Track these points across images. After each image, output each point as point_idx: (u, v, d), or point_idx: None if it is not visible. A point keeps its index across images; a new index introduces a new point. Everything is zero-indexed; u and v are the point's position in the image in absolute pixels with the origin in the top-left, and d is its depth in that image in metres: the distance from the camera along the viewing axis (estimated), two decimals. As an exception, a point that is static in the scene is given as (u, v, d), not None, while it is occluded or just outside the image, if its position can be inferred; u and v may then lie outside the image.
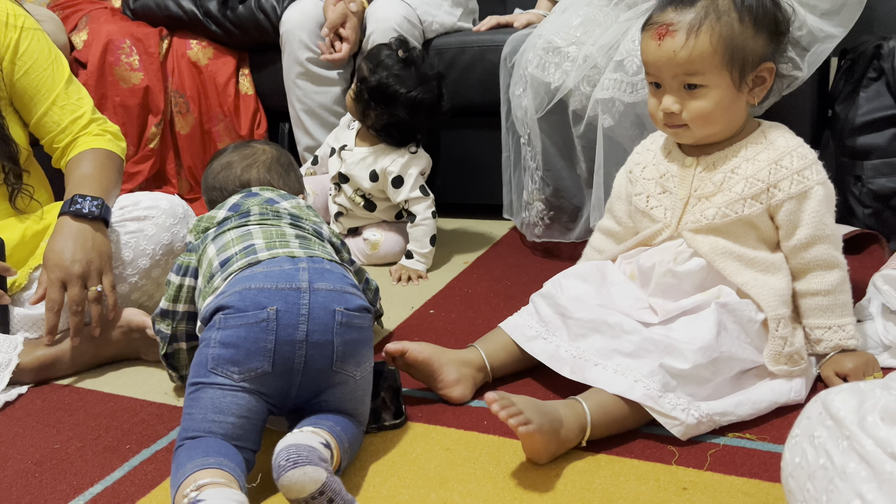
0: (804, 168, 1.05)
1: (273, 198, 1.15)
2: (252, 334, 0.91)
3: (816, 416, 0.59)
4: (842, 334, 1.06)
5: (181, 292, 1.10)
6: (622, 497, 0.88)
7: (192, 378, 0.93)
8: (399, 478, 0.95)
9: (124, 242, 1.34)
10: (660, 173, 1.15)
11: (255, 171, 1.21)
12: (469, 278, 1.63)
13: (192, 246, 1.11)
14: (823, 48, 1.39)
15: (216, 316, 0.94)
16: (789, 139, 1.08)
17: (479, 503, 0.89)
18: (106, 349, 1.30)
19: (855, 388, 0.58)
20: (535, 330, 1.14)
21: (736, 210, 1.07)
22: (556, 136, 1.58)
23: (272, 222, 1.09)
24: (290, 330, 0.92)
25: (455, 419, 1.07)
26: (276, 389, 0.94)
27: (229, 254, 1.03)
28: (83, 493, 0.96)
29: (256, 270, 0.97)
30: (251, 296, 0.93)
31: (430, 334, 1.37)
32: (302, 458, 0.82)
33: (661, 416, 0.96)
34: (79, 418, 1.16)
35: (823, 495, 0.54)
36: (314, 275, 0.97)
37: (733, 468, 0.92)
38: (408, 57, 1.61)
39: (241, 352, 0.91)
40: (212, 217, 1.12)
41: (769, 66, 1.07)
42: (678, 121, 1.07)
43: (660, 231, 1.14)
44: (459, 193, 2.04)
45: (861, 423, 0.54)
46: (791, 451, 0.60)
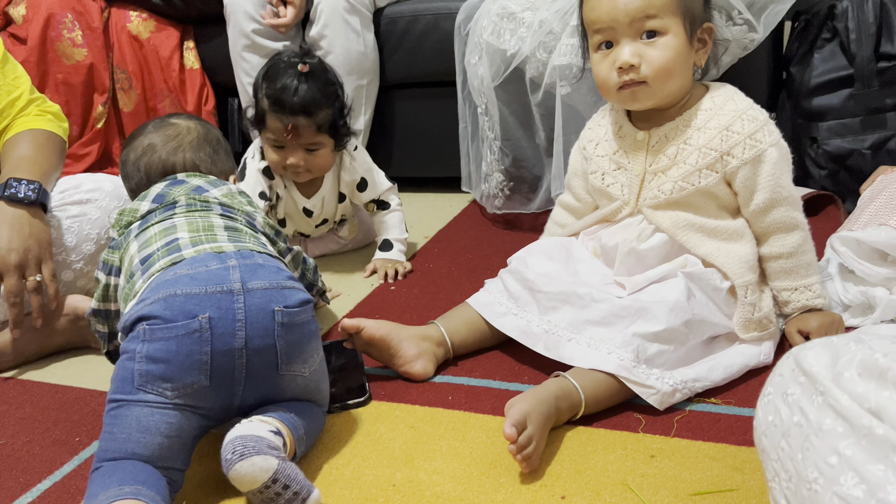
0: (755, 131, 1.03)
1: (202, 185, 1.06)
2: (184, 347, 0.83)
3: (789, 373, 0.57)
4: (808, 294, 1.06)
5: (108, 291, 1.01)
6: (590, 467, 0.87)
7: (113, 394, 0.84)
8: (363, 458, 0.93)
9: (66, 227, 1.27)
10: (613, 149, 1.13)
11: (181, 155, 1.10)
12: (430, 253, 1.60)
13: (114, 243, 1.02)
14: (779, 8, 1.39)
15: (138, 326, 0.84)
16: (738, 101, 1.06)
17: (446, 480, 0.87)
18: (52, 339, 1.25)
19: (828, 343, 0.56)
20: (505, 306, 1.12)
21: (692, 182, 1.05)
22: (514, 104, 1.55)
23: (200, 213, 1.00)
24: (227, 338, 0.84)
25: (420, 396, 1.05)
26: (215, 402, 0.86)
27: (150, 250, 0.94)
28: (31, 490, 0.92)
29: (181, 272, 0.87)
30: (178, 303, 0.84)
31: (392, 311, 1.34)
32: (248, 448, 0.78)
33: (637, 385, 0.95)
34: (25, 412, 1.11)
35: (799, 453, 0.53)
36: (246, 273, 0.88)
37: (700, 433, 0.92)
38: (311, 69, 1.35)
39: (173, 367, 0.83)
40: (134, 210, 1.03)
41: (710, 26, 1.06)
42: (637, 76, 1.02)
43: (619, 208, 1.12)
44: (416, 167, 2.00)
45: (836, 379, 0.52)
46: (764, 409, 0.59)
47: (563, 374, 0.96)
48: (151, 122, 1.16)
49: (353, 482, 0.88)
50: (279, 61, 1.36)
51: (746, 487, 0.82)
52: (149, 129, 1.13)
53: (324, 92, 1.34)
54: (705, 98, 1.07)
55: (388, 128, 1.97)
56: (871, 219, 1.14)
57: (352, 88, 1.78)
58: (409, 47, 1.85)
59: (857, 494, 0.48)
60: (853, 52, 1.50)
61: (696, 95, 1.08)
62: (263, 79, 1.35)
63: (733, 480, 0.83)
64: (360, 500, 0.85)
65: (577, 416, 0.95)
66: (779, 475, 0.56)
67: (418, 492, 0.86)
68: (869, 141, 1.51)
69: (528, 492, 0.84)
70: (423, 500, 0.84)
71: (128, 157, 1.12)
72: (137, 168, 1.10)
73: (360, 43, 1.77)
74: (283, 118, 1.32)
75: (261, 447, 0.79)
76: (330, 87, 1.36)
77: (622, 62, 1.02)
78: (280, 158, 1.37)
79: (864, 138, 1.52)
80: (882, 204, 1.17)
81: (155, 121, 1.16)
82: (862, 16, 1.49)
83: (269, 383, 0.88)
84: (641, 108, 1.08)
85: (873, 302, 1.07)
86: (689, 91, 1.08)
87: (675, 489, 0.82)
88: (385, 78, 1.88)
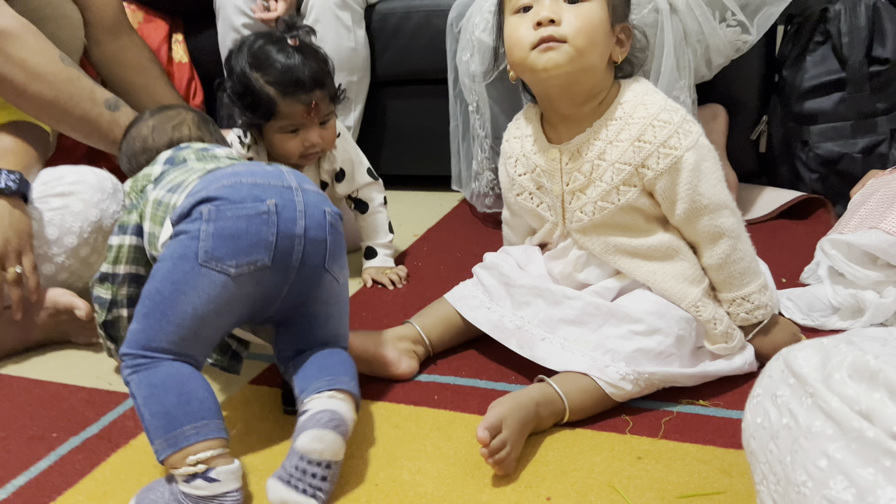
0: (669, 137, 0.96)
1: (207, 146, 1.08)
2: (253, 226, 0.86)
3: (778, 375, 0.56)
4: (747, 306, 0.99)
5: (122, 251, 1.00)
6: (577, 468, 0.86)
7: (172, 272, 0.85)
8: (346, 457, 0.91)
9: (48, 220, 1.25)
10: (531, 167, 1.07)
11: (185, 129, 1.12)
12: (419, 251, 1.59)
13: (131, 205, 1.02)
14: (772, 11, 1.39)
15: (201, 207, 0.86)
16: (649, 105, 0.98)
17: (430, 481, 0.86)
18: (32, 333, 1.23)
19: (818, 345, 0.56)
20: (479, 300, 1.11)
21: (611, 200, 0.99)
22: (506, 102, 1.54)
23: (211, 160, 1.02)
24: (290, 224, 0.88)
25: (405, 395, 1.04)
26: (269, 287, 0.88)
27: (177, 181, 0.96)
28: (5, 486, 0.90)
29: (238, 168, 0.92)
30: (245, 188, 0.88)
31: (379, 309, 1.33)
32: (340, 428, 0.84)
33: (609, 385, 0.94)
34: (1, 408, 1.08)
35: (788, 455, 0.52)
36: (297, 176, 0.93)
37: (687, 435, 0.91)
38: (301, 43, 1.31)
39: (242, 243, 0.85)
40: (148, 175, 1.03)
41: (628, 26, 1.01)
42: (557, 34, 0.94)
43: (552, 229, 1.08)
44: (406, 165, 1.99)
45: (826, 381, 0.51)
46: (752, 411, 0.58)
47: (547, 380, 0.95)
48: (148, 110, 1.15)
49: (335, 481, 0.87)
50: (261, 45, 1.27)
51: (734, 490, 0.81)
52: (146, 116, 1.14)
53: (321, 58, 1.30)
54: (617, 105, 1.00)
55: (378, 125, 1.95)
56: (861, 222, 1.14)
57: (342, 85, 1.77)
58: (400, 44, 1.83)
59: (846, 498, 0.47)
60: (845, 56, 1.49)
61: (609, 99, 1.01)
62: (253, 68, 1.26)
63: (721, 483, 0.82)
64: (341, 500, 0.84)
65: (561, 422, 0.94)
66: (767, 478, 0.55)
67: (401, 492, 0.84)
68: (860, 145, 1.51)
69: (513, 493, 0.83)
70: (406, 500, 0.83)
71: (133, 139, 1.11)
72: (146, 146, 1.10)
73: (351, 39, 1.76)
74: (302, 97, 1.25)
75: (346, 432, 0.85)
76: (320, 51, 1.33)
77: (541, 17, 0.94)
78: (298, 143, 1.30)
79: (854, 142, 1.51)
80: (872, 207, 1.16)
81: (151, 109, 1.16)
82: (854, 19, 1.49)
83: (314, 278, 0.91)
84: (554, 74, 0.96)
85: (863, 305, 1.07)
86: (605, 88, 1.01)
87: (661, 491, 0.81)
88: (375, 75, 1.87)
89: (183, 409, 0.81)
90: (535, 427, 0.91)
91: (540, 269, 1.10)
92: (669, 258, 1.01)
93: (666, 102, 0.99)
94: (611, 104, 1.01)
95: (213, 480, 0.79)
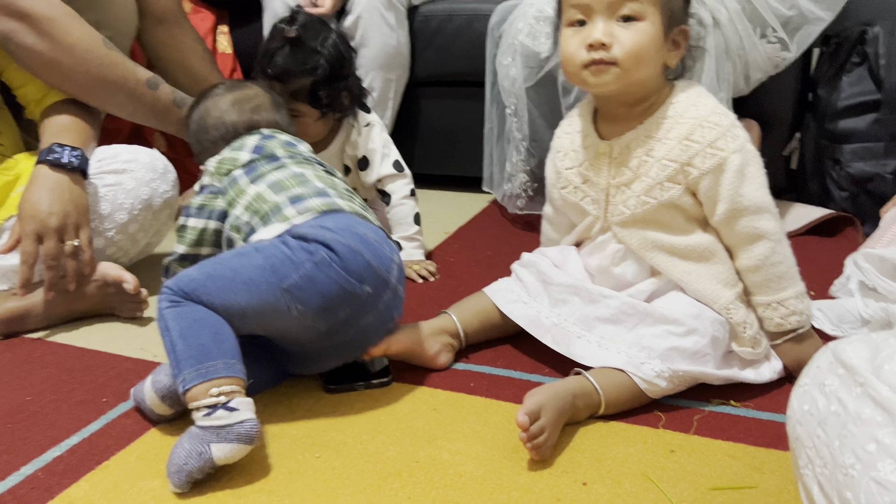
0: (717, 139, 0.98)
1: (290, 140, 1.12)
2: (341, 299, 0.93)
3: (826, 365, 0.58)
4: (782, 311, 1.00)
5: (205, 235, 1.06)
6: (611, 458, 0.89)
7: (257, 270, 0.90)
8: (387, 435, 0.94)
9: (101, 196, 1.29)
10: (579, 161, 1.10)
11: (265, 114, 1.16)
12: (450, 247, 1.62)
13: (216, 189, 1.06)
14: (812, 30, 1.42)
15: (321, 249, 0.92)
16: (700, 107, 1.01)
17: (468, 461, 0.89)
18: (80, 304, 1.26)
19: (866, 339, 0.58)
20: (517, 294, 1.13)
21: (655, 196, 1.02)
22: (544, 106, 1.57)
23: (310, 167, 1.07)
24: (361, 315, 0.96)
25: (442, 381, 1.07)
26: (311, 335, 0.96)
27: (293, 192, 1.01)
28: (60, 444, 0.93)
29: (360, 230, 0.97)
30: (360, 263, 0.94)
31: (412, 300, 1.35)
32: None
33: (644, 381, 0.96)
34: (51, 372, 1.12)
35: (836, 440, 0.54)
36: (400, 274, 1.00)
37: (719, 433, 0.93)
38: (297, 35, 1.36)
39: (323, 303, 0.92)
40: (234, 159, 1.07)
41: (685, 29, 1.03)
42: (607, 56, 0.97)
43: (592, 223, 1.10)
44: (438, 164, 2.02)
45: (877, 371, 0.53)
46: (799, 399, 0.60)
47: (584, 374, 0.98)
48: (222, 85, 1.20)
49: (376, 457, 0.90)
50: (275, 26, 1.40)
51: (765, 486, 0.83)
52: (221, 90, 1.18)
53: (301, 60, 1.34)
54: (669, 105, 1.02)
55: (412, 124, 1.99)
56: (894, 238, 1.16)
57: (380, 82, 1.81)
58: (440, 45, 1.87)
59: (893, 480, 0.50)
60: (882, 78, 1.52)
61: (661, 99, 1.04)
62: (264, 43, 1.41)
63: (752, 479, 0.84)
64: (383, 475, 0.87)
65: (596, 415, 0.97)
66: (812, 462, 0.57)
67: (441, 470, 0.87)
68: (892, 166, 1.53)
69: (550, 476, 0.86)
70: (446, 477, 0.86)
71: (207, 113, 1.15)
72: (222, 122, 1.14)
73: (394, 38, 1.80)
74: (260, 79, 1.37)
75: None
76: (312, 55, 1.35)
77: (593, 39, 0.97)
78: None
79: (886, 163, 1.54)
80: (905, 225, 1.19)
81: (225, 84, 1.21)
82: (892, 42, 1.51)
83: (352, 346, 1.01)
84: (603, 91, 1.01)
85: (893, 318, 1.09)
86: (657, 91, 1.03)
87: (694, 483, 0.84)
88: (414, 74, 1.91)
89: (218, 346, 0.87)
90: (571, 418, 0.94)
91: (577, 268, 1.13)
92: (705, 259, 1.03)
93: (717, 106, 1.02)
94: (663, 104, 1.03)
95: (234, 410, 0.84)
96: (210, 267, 0.91)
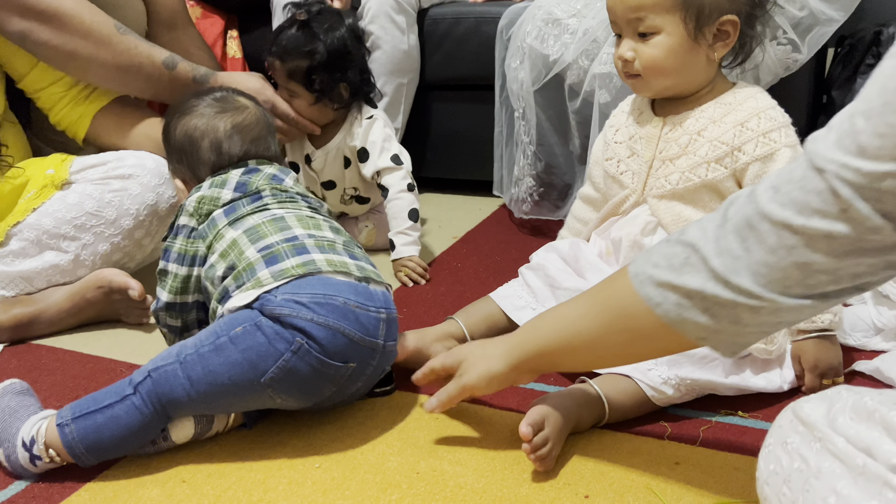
0: (771, 130, 1.02)
1: (276, 174, 1.07)
2: (322, 379, 0.90)
3: (788, 424, 0.60)
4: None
5: (189, 283, 1.02)
6: (615, 470, 0.87)
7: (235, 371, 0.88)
8: (387, 445, 0.93)
9: (108, 201, 1.29)
10: (629, 135, 1.13)
11: (262, 143, 1.10)
12: (458, 252, 1.61)
13: (196, 233, 1.01)
14: (824, 31, 1.39)
15: (296, 334, 0.87)
16: (760, 101, 1.05)
17: (469, 472, 0.88)
18: (86, 310, 1.27)
19: (822, 396, 0.61)
20: (524, 300, 1.13)
21: (699, 174, 1.04)
22: (551, 110, 1.56)
23: (291, 204, 1.03)
24: (349, 385, 0.94)
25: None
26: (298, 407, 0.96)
27: (269, 242, 0.95)
28: (61, 453, 0.94)
29: (339, 301, 0.90)
30: (340, 343, 0.89)
31: (420, 306, 1.35)
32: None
33: (650, 388, 0.95)
34: (56, 378, 1.13)
35: (800, 496, 0.55)
36: (389, 329, 0.94)
37: (725, 444, 0.91)
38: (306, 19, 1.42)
39: (305, 388, 0.91)
40: (215, 199, 1.02)
41: (732, 19, 1.02)
42: (632, 70, 1.06)
43: (627, 197, 1.12)
44: (448, 168, 2.01)
45: (832, 424, 0.55)
46: (765, 459, 0.62)
47: (589, 382, 0.96)
48: (214, 96, 1.10)
49: (376, 468, 0.89)
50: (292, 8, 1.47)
51: (771, 500, 0.82)
52: (219, 106, 1.09)
53: (302, 43, 1.41)
54: (728, 93, 1.06)
55: (421, 127, 1.98)
56: (908, 244, 1.14)
57: (393, 87, 1.81)
58: (449, 49, 1.86)
59: None
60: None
61: (721, 89, 1.07)
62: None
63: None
64: (383, 486, 0.86)
65: (600, 424, 0.95)
66: None
67: (441, 481, 0.86)
68: (907, 169, 1.50)
69: (552, 489, 0.85)
70: (447, 489, 0.85)
71: (202, 133, 1.07)
72: (219, 151, 1.07)
73: (405, 42, 1.79)
74: (268, 57, 1.44)
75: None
76: (313, 40, 1.41)
77: (618, 56, 1.07)
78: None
79: (902, 166, 1.51)
80: (919, 231, 1.16)
81: (218, 97, 1.11)
82: (908, 43, 1.49)
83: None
84: (645, 96, 1.11)
85: (906, 327, 1.07)
86: (710, 83, 1.07)
87: (699, 496, 0.82)
88: (423, 78, 1.90)
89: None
90: (575, 427, 0.93)
91: (589, 264, 1.12)
92: None
93: (777, 105, 1.05)
94: (723, 93, 1.07)
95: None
96: (189, 368, 0.88)
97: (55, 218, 1.27)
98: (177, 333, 1.06)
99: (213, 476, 0.89)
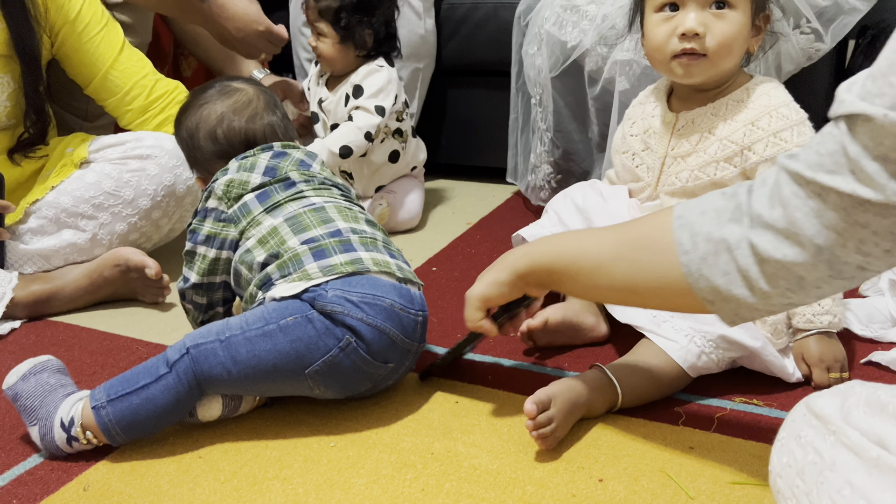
0: (782, 129, 0.99)
1: (303, 159, 1.06)
2: (362, 377, 0.93)
3: (801, 418, 0.61)
4: (816, 308, 0.98)
5: (218, 265, 1.02)
6: (629, 454, 0.88)
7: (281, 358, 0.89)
8: (402, 426, 0.94)
9: (125, 181, 1.30)
10: (644, 128, 1.13)
11: (259, 122, 1.07)
12: (472, 238, 1.61)
13: (226, 216, 1.01)
14: (847, 20, 1.37)
15: (346, 332, 0.90)
16: (773, 98, 1.01)
17: (484, 453, 0.88)
18: (103, 288, 1.28)
19: (836, 391, 0.61)
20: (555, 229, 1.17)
21: (708, 173, 1.03)
22: (570, 97, 1.55)
23: (327, 192, 1.03)
24: (382, 382, 0.97)
25: (459, 372, 1.06)
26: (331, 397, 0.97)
27: (313, 234, 0.96)
28: (79, 427, 0.94)
29: (385, 302, 0.92)
30: (384, 344, 0.92)
31: (434, 291, 1.35)
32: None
33: (662, 339, 0.96)
34: (74, 354, 1.14)
35: (814, 488, 0.55)
36: (423, 330, 0.97)
37: (740, 431, 0.91)
38: None
39: (345, 382, 0.93)
40: (244, 182, 1.01)
41: (768, 14, 1.03)
42: (699, 47, 0.98)
43: (643, 189, 1.13)
44: (462, 155, 2.01)
45: (846, 418, 0.56)
46: (778, 453, 0.62)
47: (602, 367, 0.96)
48: (210, 87, 1.10)
49: (391, 447, 0.90)
50: None
51: (786, 487, 0.81)
52: (211, 95, 1.08)
53: None
54: (742, 89, 1.04)
55: (437, 113, 1.98)
56: (928, 236, 1.13)
57: (409, 71, 1.80)
58: (466, 34, 1.85)
59: None
60: (919, 70, 1.47)
61: (738, 83, 1.05)
62: None
63: (773, 479, 0.83)
64: (397, 465, 0.87)
65: (614, 409, 0.95)
66: None
67: (456, 462, 0.87)
68: (927, 161, 1.49)
69: (566, 472, 0.85)
70: (461, 469, 0.85)
71: (196, 126, 1.07)
72: (214, 138, 1.06)
73: (421, 26, 1.79)
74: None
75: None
76: None
77: (687, 29, 0.97)
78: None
79: (922, 158, 1.49)
80: (940, 222, 1.15)
81: (215, 86, 1.09)
82: (932, 34, 1.47)
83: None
84: (690, 82, 1.04)
85: (925, 318, 1.06)
86: (734, 77, 1.05)
87: (713, 478, 0.82)
88: (439, 63, 1.89)
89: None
90: (587, 412, 0.93)
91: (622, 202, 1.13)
92: None
93: (791, 102, 1.02)
94: (738, 88, 1.04)
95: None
96: (234, 349, 0.89)
97: (73, 196, 1.28)
98: (202, 311, 1.07)
99: (230, 452, 0.90)
